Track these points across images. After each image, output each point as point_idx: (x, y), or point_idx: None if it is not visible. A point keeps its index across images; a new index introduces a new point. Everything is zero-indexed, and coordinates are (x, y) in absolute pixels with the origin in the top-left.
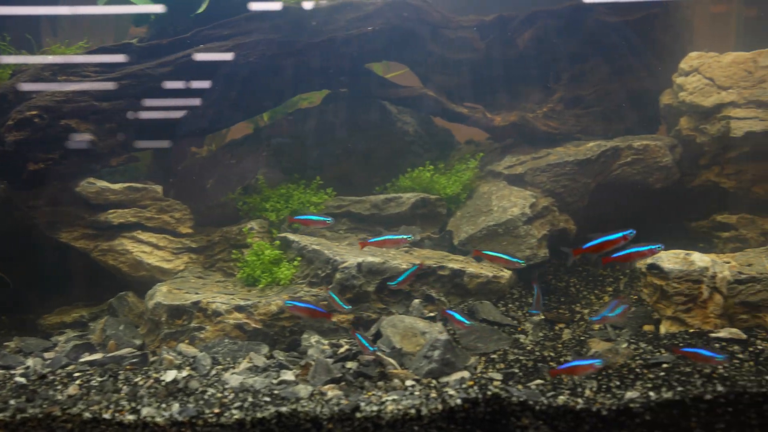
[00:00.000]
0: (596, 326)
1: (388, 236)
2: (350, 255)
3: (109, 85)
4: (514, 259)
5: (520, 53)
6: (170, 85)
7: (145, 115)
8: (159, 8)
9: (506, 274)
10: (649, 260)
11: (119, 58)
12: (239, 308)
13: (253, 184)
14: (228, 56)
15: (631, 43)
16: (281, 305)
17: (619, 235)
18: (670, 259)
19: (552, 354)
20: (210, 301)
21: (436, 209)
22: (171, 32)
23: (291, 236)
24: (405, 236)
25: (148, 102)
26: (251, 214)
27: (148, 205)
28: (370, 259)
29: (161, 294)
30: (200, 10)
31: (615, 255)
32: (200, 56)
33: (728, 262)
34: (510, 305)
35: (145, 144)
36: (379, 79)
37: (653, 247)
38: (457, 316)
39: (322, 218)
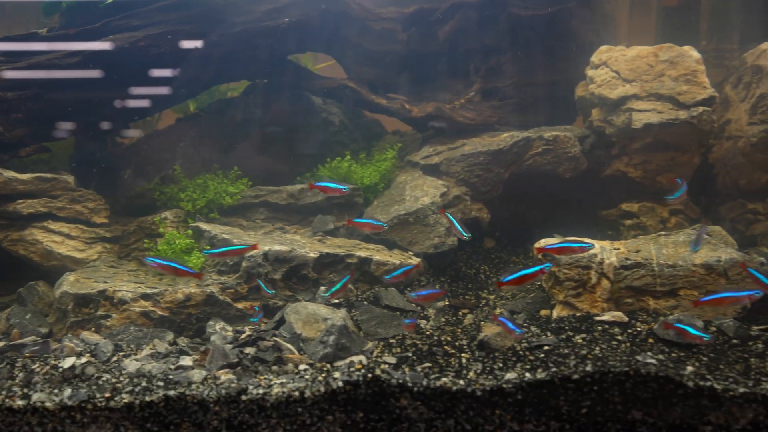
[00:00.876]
0: (497, 311)
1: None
2: (258, 244)
3: (15, 74)
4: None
5: (440, 45)
6: (79, 75)
7: (53, 105)
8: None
9: (413, 261)
10: (542, 246)
11: (24, 46)
12: (145, 296)
13: (171, 174)
14: (137, 47)
15: (546, 36)
16: (188, 293)
17: (537, 269)
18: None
19: (449, 338)
20: (116, 290)
21: (353, 199)
22: (81, 22)
23: (203, 225)
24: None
25: (57, 93)
26: (169, 204)
27: (60, 195)
28: (277, 247)
29: (68, 283)
30: (110, 0)
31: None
32: (108, 46)
33: (618, 249)
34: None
35: (56, 134)
36: (302, 70)
37: (585, 245)
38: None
39: (339, 186)
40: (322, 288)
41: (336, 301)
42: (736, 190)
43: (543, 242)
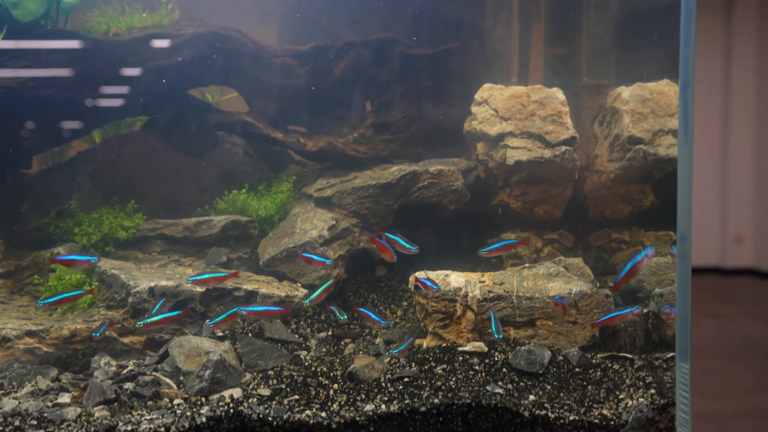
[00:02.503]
0: (377, 341)
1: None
2: (145, 279)
3: None
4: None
5: (336, 80)
6: None
7: None
8: None
9: (300, 293)
10: (415, 281)
11: None
12: (30, 333)
13: (67, 209)
14: (26, 87)
15: (436, 73)
16: (74, 329)
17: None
18: (431, 280)
19: (326, 369)
20: (1, 328)
21: (247, 231)
22: None
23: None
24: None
25: None
26: (65, 238)
27: None
28: (163, 282)
29: None
30: None
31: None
32: None
33: (483, 281)
34: (302, 322)
35: None
36: (201, 104)
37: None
38: (373, 316)
39: (322, 259)
40: (207, 321)
41: (221, 333)
42: (603, 220)
43: (419, 274)
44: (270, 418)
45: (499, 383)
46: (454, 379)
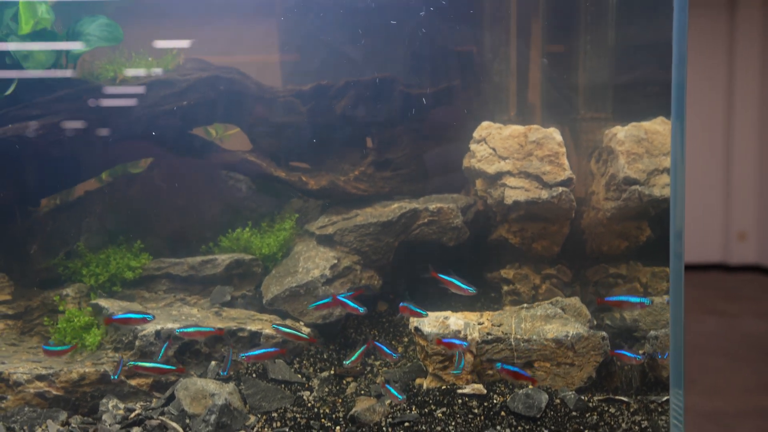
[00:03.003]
0: (379, 380)
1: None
2: (152, 322)
3: None
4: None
5: (338, 118)
6: None
7: None
8: None
9: (303, 332)
10: (415, 323)
11: None
12: (41, 377)
13: (75, 249)
14: (36, 136)
15: (435, 110)
16: (83, 372)
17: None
18: (431, 322)
19: (328, 410)
20: (12, 372)
21: (251, 269)
22: None
23: (102, 302)
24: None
25: None
26: (73, 278)
27: None
28: (169, 325)
29: None
30: (8, 92)
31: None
32: (5, 137)
33: (482, 323)
34: (305, 362)
35: None
36: (205, 144)
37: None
38: (385, 349)
39: (356, 306)
40: (213, 363)
41: (226, 375)
42: (601, 255)
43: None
44: None
45: (498, 428)
46: (453, 423)
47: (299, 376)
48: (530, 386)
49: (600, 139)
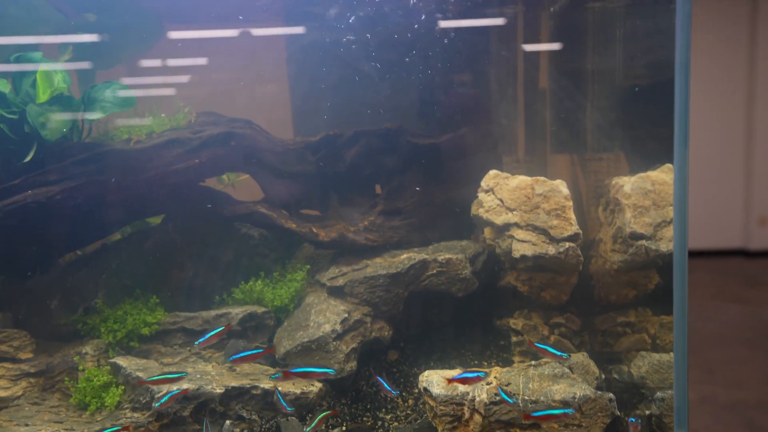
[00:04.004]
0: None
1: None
2: (170, 382)
3: None
4: (324, 369)
5: (347, 167)
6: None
7: None
8: None
9: (315, 388)
10: (423, 383)
11: None
12: None
13: (93, 306)
14: (54, 201)
15: (443, 158)
16: None
17: None
18: (439, 383)
19: None
20: None
21: (264, 321)
22: (2, 178)
23: (120, 361)
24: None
25: None
26: (92, 333)
27: None
28: (185, 386)
29: None
30: (27, 159)
31: None
32: (27, 202)
33: (490, 383)
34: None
35: None
36: (218, 196)
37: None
38: (385, 384)
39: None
40: (228, 423)
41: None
42: (609, 303)
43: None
44: None
45: None
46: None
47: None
48: None
49: (607, 186)
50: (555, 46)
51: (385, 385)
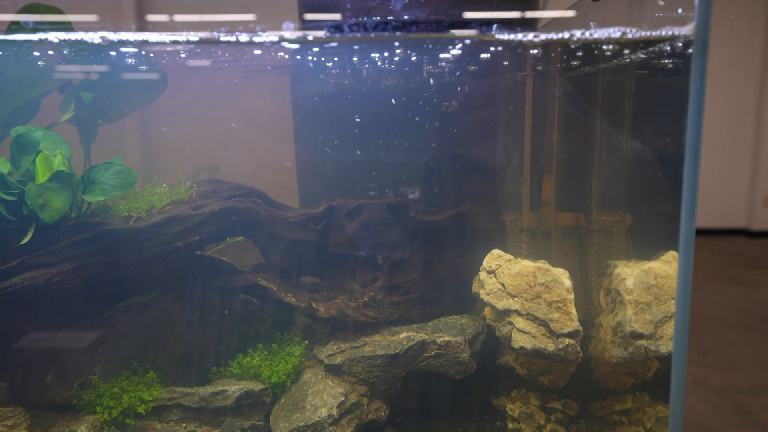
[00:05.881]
0: None
1: None
2: None
3: None
4: None
5: (349, 238)
6: None
7: None
8: None
9: None
10: None
11: None
12: None
13: (89, 381)
14: (51, 283)
15: (445, 234)
16: None
17: None
18: None
19: None
20: None
21: (261, 398)
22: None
23: None
24: None
25: None
26: (88, 408)
27: None
28: None
29: None
30: (24, 241)
31: None
32: (24, 285)
33: None
34: None
35: None
36: (216, 265)
37: None
38: None
39: None
40: None
41: None
42: (606, 389)
43: None
44: None
45: None
46: None
47: None
48: None
49: (610, 269)
50: (562, 111)
51: None
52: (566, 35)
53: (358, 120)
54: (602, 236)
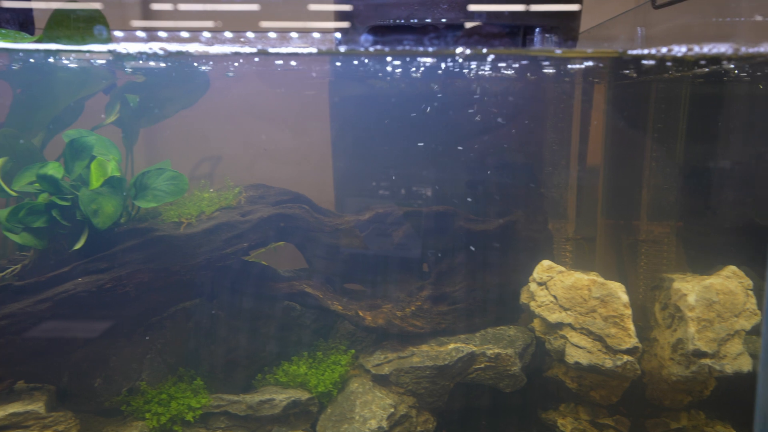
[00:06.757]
0: None
1: None
2: None
3: None
4: None
5: (395, 246)
6: (49, 317)
7: (26, 346)
8: (39, 244)
9: None
10: None
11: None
12: None
13: (137, 387)
14: (104, 289)
15: (495, 244)
16: None
17: None
18: None
19: None
20: None
21: (307, 408)
22: (53, 264)
23: None
24: None
25: (29, 334)
26: (135, 415)
27: (31, 424)
28: None
29: None
30: (77, 246)
31: None
32: (77, 291)
33: None
34: None
35: (26, 368)
36: (262, 272)
37: None
38: None
39: None
40: None
41: None
42: (661, 406)
43: None
44: None
45: None
46: None
47: None
48: None
49: (667, 284)
50: (612, 118)
51: None
52: (663, 50)
53: (403, 126)
54: (651, 247)
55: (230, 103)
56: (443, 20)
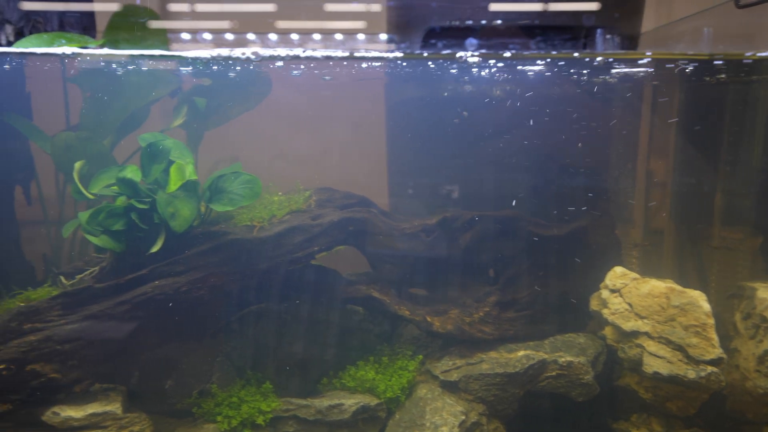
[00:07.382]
0: None
1: None
2: None
3: (72, 328)
4: None
5: (462, 251)
6: (128, 319)
7: (105, 347)
8: (117, 247)
9: None
10: None
11: (80, 299)
12: None
13: (208, 389)
14: (180, 292)
15: (564, 250)
16: None
17: None
18: None
19: None
20: None
21: (376, 413)
22: (131, 266)
23: None
24: None
25: (108, 336)
26: (206, 417)
27: (109, 425)
28: None
29: None
30: (155, 249)
31: None
32: (153, 293)
33: None
34: None
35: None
36: (329, 276)
37: None
38: None
39: None
40: None
41: None
42: (743, 419)
43: None
44: None
45: None
46: None
47: None
48: None
49: (749, 292)
50: (682, 120)
51: None
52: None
53: (471, 130)
54: (726, 254)
55: (288, 106)
56: (521, 23)
